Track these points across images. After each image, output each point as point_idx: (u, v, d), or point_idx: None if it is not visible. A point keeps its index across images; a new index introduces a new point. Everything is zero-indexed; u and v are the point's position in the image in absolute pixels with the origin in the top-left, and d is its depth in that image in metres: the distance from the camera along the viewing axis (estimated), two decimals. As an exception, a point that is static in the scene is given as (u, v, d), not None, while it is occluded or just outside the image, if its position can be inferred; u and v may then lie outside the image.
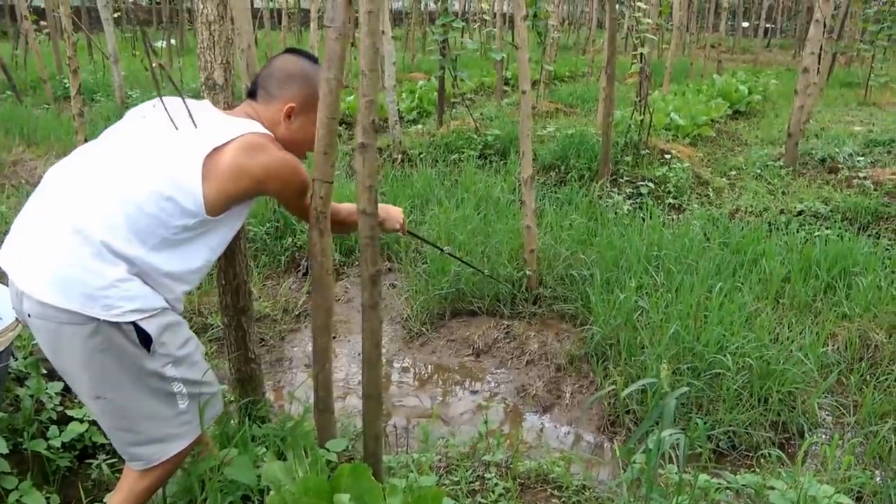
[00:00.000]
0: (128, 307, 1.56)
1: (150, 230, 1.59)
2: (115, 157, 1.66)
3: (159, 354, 1.64)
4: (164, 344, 1.65)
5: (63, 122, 7.73)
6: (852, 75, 13.54)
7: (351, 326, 3.80)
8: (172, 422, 1.71)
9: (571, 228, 4.38)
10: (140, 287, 1.59)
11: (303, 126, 1.82)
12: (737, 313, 3.22)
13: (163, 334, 1.64)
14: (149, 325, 1.59)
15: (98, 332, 1.55)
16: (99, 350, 1.56)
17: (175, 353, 1.68)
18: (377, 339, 1.86)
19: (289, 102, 1.80)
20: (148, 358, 1.62)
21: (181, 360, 1.70)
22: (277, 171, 1.70)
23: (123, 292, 1.55)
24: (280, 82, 1.81)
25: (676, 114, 7.16)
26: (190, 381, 1.73)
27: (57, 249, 1.54)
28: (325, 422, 1.97)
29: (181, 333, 1.71)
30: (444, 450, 2.36)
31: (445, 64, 6.82)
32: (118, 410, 1.66)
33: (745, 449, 2.71)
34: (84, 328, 1.54)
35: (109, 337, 1.56)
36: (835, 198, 5.02)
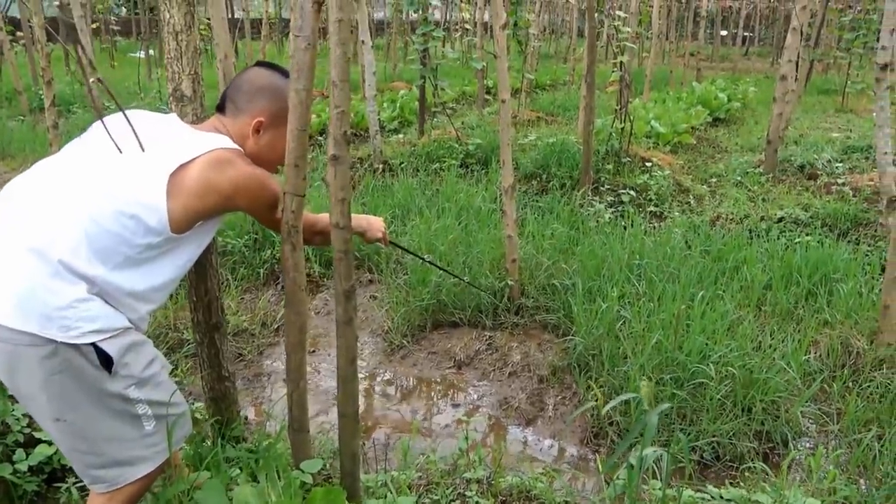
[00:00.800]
0: (87, 328, 1.50)
1: (112, 249, 1.53)
2: (75, 172, 1.60)
3: (121, 376, 1.58)
4: (127, 365, 1.58)
5: (38, 135, 7.62)
6: (829, 82, 13.70)
7: (331, 340, 3.74)
8: (138, 444, 1.65)
9: (553, 237, 4.36)
10: (101, 307, 1.53)
11: (272, 140, 1.78)
12: (719, 322, 3.20)
13: (125, 355, 1.57)
14: (110, 346, 1.53)
15: (56, 353, 1.48)
16: (58, 372, 1.50)
17: (138, 374, 1.61)
18: (352, 356, 1.81)
19: (257, 116, 1.76)
20: (109, 380, 1.56)
21: (145, 381, 1.63)
22: (246, 186, 1.65)
23: (83, 313, 1.50)
24: (249, 96, 1.77)
25: (657, 121, 7.18)
26: (155, 403, 1.66)
27: (13, 269, 1.48)
28: (300, 442, 1.92)
29: (145, 353, 1.64)
30: (425, 466, 2.30)
31: (426, 73, 6.80)
32: (78, 432, 1.59)
33: (730, 460, 2.68)
34: (42, 350, 1.48)
35: (68, 359, 1.50)
36: (814, 204, 5.04)
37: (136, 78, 9.85)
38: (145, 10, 14.96)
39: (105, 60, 13.85)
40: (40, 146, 7.18)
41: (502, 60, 3.72)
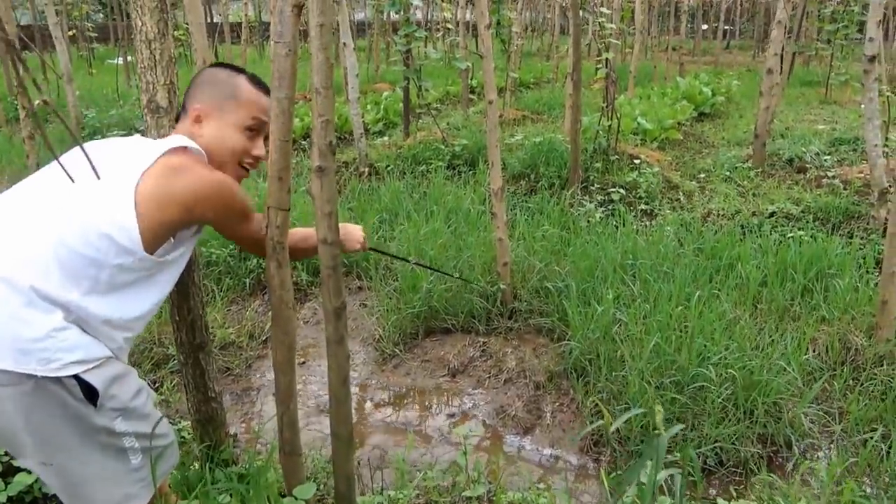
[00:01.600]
0: (67, 359, 1.40)
1: (84, 272, 1.44)
2: (41, 197, 1.51)
3: (108, 409, 1.48)
4: (114, 397, 1.49)
5: (16, 145, 7.45)
6: (812, 74, 13.75)
7: (321, 351, 3.64)
8: (126, 479, 1.55)
9: (544, 239, 4.29)
10: (79, 336, 1.44)
11: (216, 131, 1.69)
12: (717, 322, 3.15)
13: (111, 387, 1.48)
14: (94, 377, 1.44)
15: (37, 390, 1.38)
16: (39, 410, 1.40)
17: (125, 405, 1.52)
18: (344, 375, 1.72)
19: (195, 109, 1.69)
20: (96, 414, 1.46)
21: (132, 412, 1.54)
22: (205, 194, 1.55)
23: (61, 343, 1.40)
24: (190, 94, 1.74)
25: (643, 118, 7.14)
26: (142, 435, 1.57)
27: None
28: (291, 465, 1.83)
29: (130, 384, 1.55)
30: (423, 483, 2.22)
31: (409, 74, 6.71)
32: (68, 475, 1.49)
33: (733, 465, 2.62)
34: (20, 388, 1.37)
35: (52, 394, 1.40)
36: (805, 198, 5.01)
37: (115, 85, 9.67)
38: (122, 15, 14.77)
39: (83, 67, 13.63)
40: (17, 157, 7.02)
41: (488, 60, 3.65)
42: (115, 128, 8.00)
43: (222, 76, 1.73)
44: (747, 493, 2.46)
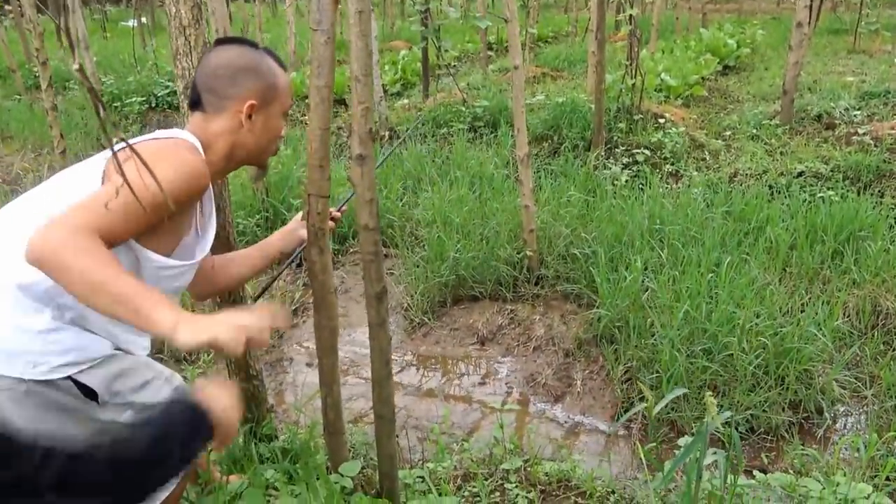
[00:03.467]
0: (57, 362, 1.34)
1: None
2: (23, 202, 1.45)
3: (112, 404, 1.44)
4: (117, 393, 1.43)
5: (36, 115, 7.49)
6: (839, 21, 13.32)
7: (351, 319, 3.70)
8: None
9: (570, 204, 4.27)
10: (74, 337, 1.37)
11: (265, 121, 1.55)
12: (746, 288, 3.14)
13: (112, 383, 1.43)
14: (90, 378, 1.38)
15: (30, 393, 1.33)
16: (41, 412, 1.35)
17: (133, 399, 1.46)
18: (386, 358, 1.75)
19: (248, 100, 1.51)
20: (100, 409, 1.42)
21: (139, 404, 1.48)
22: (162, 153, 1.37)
23: (50, 345, 1.34)
24: (230, 80, 1.51)
25: (667, 74, 6.99)
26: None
27: None
28: (335, 444, 1.88)
29: (135, 378, 1.48)
30: (459, 457, 2.28)
31: (428, 34, 6.59)
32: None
33: (764, 432, 2.65)
34: (13, 392, 1.32)
35: (46, 396, 1.35)
36: (835, 156, 4.92)
37: (132, 50, 9.63)
38: (134, -24, 14.59)
39: (97, 31, 13.56)
40: (39, 127, 7.06)
41: (513, 25, 3.58)
42: (133, 94, 8.00)
43: (260, 60, 1.54)
44: (779, 461, 2.49)
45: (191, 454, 1.12)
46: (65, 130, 5.58)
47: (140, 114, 7.83)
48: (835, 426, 2.73)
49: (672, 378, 2.76)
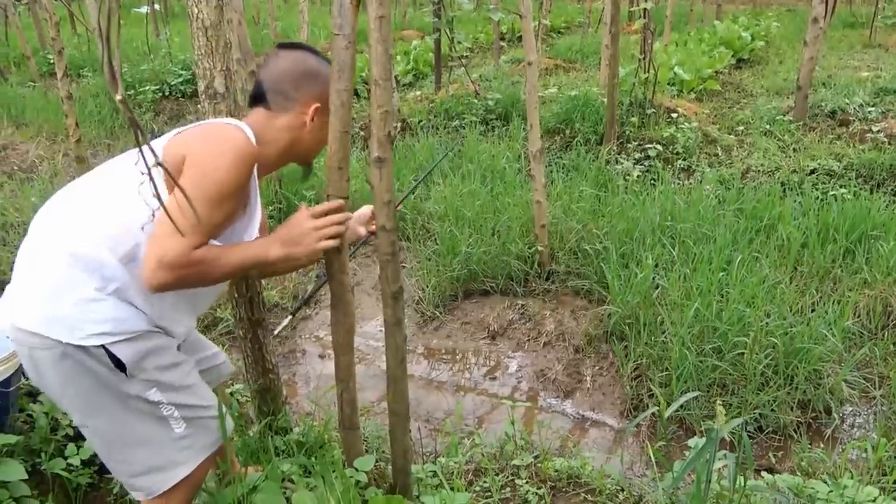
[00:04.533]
0: (92, 330, 1.44)
1: (120, 239, 1.45)
2: (83, 180, 1.58)
3: (140, 379, 1.52)
4: (145, 369, 1.52)
5: (51, 102, 7.54)
6: (855, 15, 13.20)
7: (362, 312, 3.73)
8: (170, 447, 1.59)
9: (581, 199, 4.28)
10: (113, 308, 1.46)
11: (323, 125, 1.65)
12: (757, 287, 3.15)
13: (143, 360, 1.51)
14: (122, 350, 1.47)
15: (66, 356, 1.44)
16: (73, 375, 1.46)
17: (158, 378, 1.54)
18: (401, 356, 1.79)
19: (313, 103, 1.63)
20: (127, 382, 1.50)
21: (168, 385, 1.57)
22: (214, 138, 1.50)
23: (90, 314, 1.44)
24: (297, 84, 1.63)
25: (680, 68, 6.96)
26: (183, 405, 1.60)
27: (26, 270, 1.48)
28: (351, 439, 1.92)
29: (166, 357, 1.57)
30: (470, 452, 2.31)
31: (441, 26, 6.59)
32: (107, 437, 1.56)
33: (773, 431, 2.67)
34: (52, 352, 1.44)
35: (80, 361, 1.46)
36: (848, 154, 4.90)
37: (145, 37, 9.65)
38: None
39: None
40: (54, 114, 7.11)
41: (528, 21, 3.58)
42: (147, 82, 8.04)
43: (325, 69, 1.64)
44: (787, 460, 2.52)
45: None
46: (79, 118, 5.62)
47: (153, 102, 7.86)
48: (843, 426, 2.75)
49: (682, 376, 2.79)
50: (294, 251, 1.55)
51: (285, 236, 1.56)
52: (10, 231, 4.27)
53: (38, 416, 2.33)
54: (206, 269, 1.45)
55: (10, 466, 1.98)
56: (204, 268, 1.44)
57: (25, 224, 4.31)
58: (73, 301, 1.43)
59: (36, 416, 2.33)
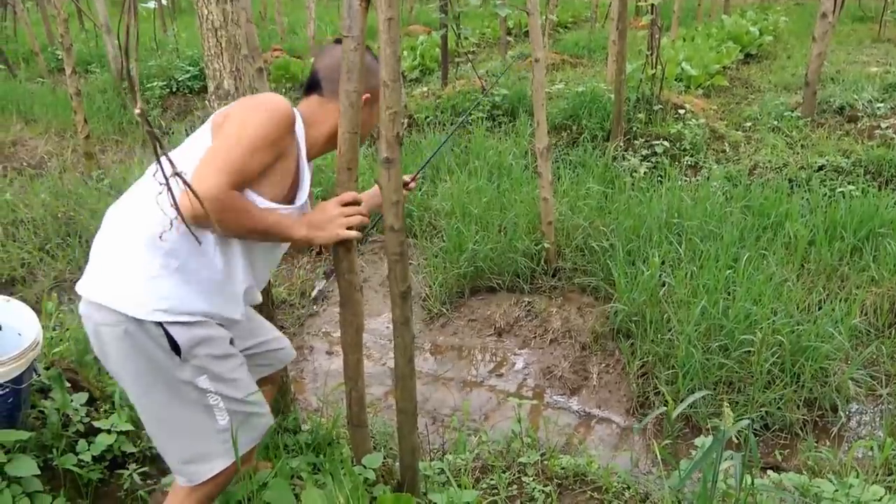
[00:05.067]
0: (155, 305, 1.55)
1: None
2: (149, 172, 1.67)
3: (192, 365, 1.61)
4: (197, 356, 1.61)
5: (59, 98, 7.57)
6: (863, 8, 13.11)
7: (369, 308, 3.75)
8: (212, 438, 1.66)
9: (588, 196, 4.28)
10: (174, 286, 1.57)
11: (370, 114, 1.75)
12: (764, 284, 3.15)
13: (195, 347, 1.60)
14: (178, 332, 1.57)
15: (128, 333, 1.55)
16: (132, 353, 1.57)
17: (210, 366, 1.63)
18: (410, 355, 1.80)
19: (364, 93, 1.67)
20: (180, 366, 1.60)
21: (218, 376, 1.64)
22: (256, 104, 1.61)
23: (154, 289, 1.55)
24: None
25: (688, 63, 6.94)
26: (228, 398, 1.67)
27: (101, 246, 1.60)
28: (359, 437, 1.93)
29: (218, 348, 1.65)
30: (477, 449, 2.33)
31: (448, 22, 6.59)
32: (156, 419, 1.66)
33: (779, 428, 2.68)
34: (116, 329, 1.55)
35: (140, 340, 1.56)
36: (856, 150, 4.88)
37: (152, 32, 9.67)
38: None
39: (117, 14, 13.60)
40: (62, 110, 7.14)
41: (535, 18, 3.58)
42: (154, 78, 8.06)
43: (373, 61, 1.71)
44: (793, 458, 2.53)
45: None
46: (87, 114, 5.65)
47: (161, 98, 7.89)
48: (849, 424, 2.76)
49: (688, 374, 2.79)
50: (317, 234, 1.66)
51: (313, 221, 1.66)
52: (20, 227, 4.30)
53: (49, 412, 2.35)
54: (235, 214, 1.53)
55: (23, 462, 2.01)
56: (233, 213, 1.52)
57: (35, 220, 4.37)
58: (140, 277, 1.55)
59: (48, 412, 2.35)
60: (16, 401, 2.15)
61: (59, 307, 3.29)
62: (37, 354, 2.24)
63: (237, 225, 1.56)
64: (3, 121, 7.13)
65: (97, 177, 5.17)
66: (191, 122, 7.09)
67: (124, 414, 2.43)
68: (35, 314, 2.37)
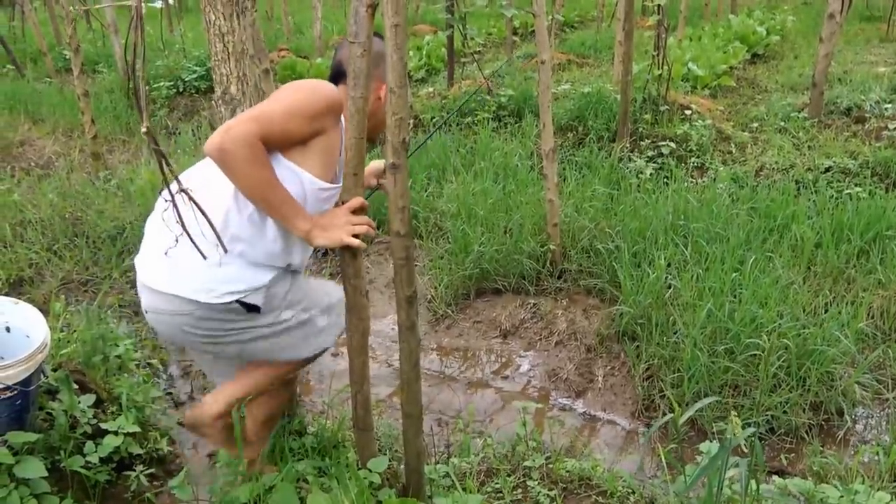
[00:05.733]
0: (226, 289, 1.70)
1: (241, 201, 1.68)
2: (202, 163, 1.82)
3: (269, 310, 1.79)
4: (273, 305, 1.80)
5: (67, 98, 7.60)
6: (872, 7, 13.03)
7: (374, 310, 3.75)
8: (312, 341, 1.94)
9: (594, 198, 4.28)
10: (241, 269, 1.71)
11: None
12: (770, 287, 3.14)
13: (271, 301, 1.79)
14: (254, 297, 1.73)
15: (203, 315, 1.71)
16: (212, 329, 1.74)
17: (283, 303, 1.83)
18: (415, 359, 1.81)
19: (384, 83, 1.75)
20: (261, 317, 1.79)
21: (292, 303, 1.86)
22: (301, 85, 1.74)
23: (223, 275, 1.69)
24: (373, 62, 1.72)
25: (694, 63, 6.92)
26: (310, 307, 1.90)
27: (164, 238, 1.68)
28: (364, 440, 1.94)
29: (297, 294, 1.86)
30: (482, 453, 2.33)
31: (454, 22, 6.59)
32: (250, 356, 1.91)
33: (785, 433, 2.67)
34: (191, 317, 1.71)
35: (217, 317, 1.72)
36: (863, 151, 4.86)
37: (159, 32, 9.70)
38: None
39: (124, 13, 13.66)
40: (70, 110, 7.17)
41: (541, 20, 3.58)
42: (161, 78, 8.08)
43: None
44: (799, 462, 2.52)
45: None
46: (94, 114, 5.67)
47: (168, 98, 7.91)
48: (855, 429, 2.75)
49: (693, 377, 2.79)
50: (319, 235, 1.70)
51: (320, 222, 1.71)
52: (27, 228, 4.32)
53: (57, 414, 2.37)
54: (253, 163, 1.58)
55: (31, 464, 2.02)
56: (252, 161, 1.58)
57: (43, 221, 4.39)
58: (210, 266, 1.68)
59: (56, 414, 2.37)
60: (24, 403, 2.17)
61: (66, 308, 3.31)
62: (45, 356, 2.26)
63: (251, 176, 1.60)
64: (11, 121, 7.16)
65: (104, 177, 5.19)
66: (197, 121, 7.11)
67: (131, 416, 2.45)
68: (43, 316, 2.38)
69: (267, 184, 1.62)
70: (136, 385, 2.60)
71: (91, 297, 3.69)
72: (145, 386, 2.60)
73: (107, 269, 3.92)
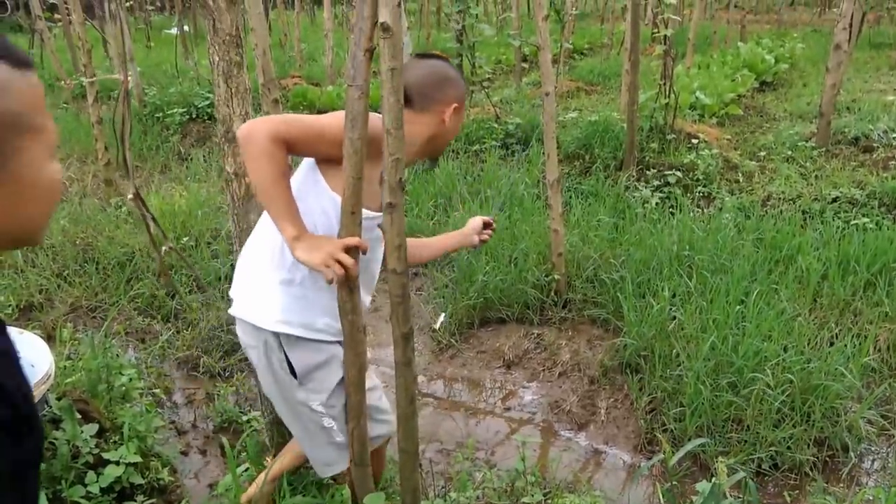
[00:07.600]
0: (277, 317, 1.76)
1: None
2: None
3: (307, 387, 1.83)
4: (312, 380, 1.83)
5: (83, 124, 7.72)
6: (882, 35, 13.08)
7: (379, 339, 3.77)
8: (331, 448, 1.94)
9: (599, 228, 4.29)
10: (295, 299, 1.76)
11: (456, 123, 1.91)
12: (775, 321, 3.13)
13: (311, 372, 1.82)
14: (295, 357, 1.79)
15: (267, 346, 1.78)
16: (267, 367, 1.81)
17: (323, 389, 1.84)
18: (412, 395, 1.81)
19: (452, 103, 1.86)
20: (298, 388, 1.82)
21: (329, 404, 1.87)
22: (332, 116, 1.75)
23: (275, 298, 1.76)
24: (437, 87, 1.85)
25: (702, 92, 6.95)
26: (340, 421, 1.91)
27: (243, 265, 1.83)
28: (361, 476, 1.94)
29: (333, 376, 1.86)
30: (481, 489, 2.32)
31: (463, 51, 6.68)
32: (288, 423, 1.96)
33: (788, 469, 2.65)
34: (258, 349, 1.79)
35: (272, 355, 1.79)
36: (871, 182, 4.86)
37: (174, 60, 9.88)
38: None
39: (141, 40, 13.91)
40: (85, 136, 7.28)
41: (545, 52, 3.63)
42: (175, 105, 8.21)
43: (456, 74, 1.91)
44: (803, 499, 2.49)
45: None
46: (109, 142, 5.76)
47: (181, 124, 8.03)
48: (861, 465, 2.72)
49: (696, 411, 2.78)
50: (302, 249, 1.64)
51: (310, 239, 1.66)
52: (38, 253, 4.38)
53: (60, 443, 2.39)
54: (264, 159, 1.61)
55: (32, 495, 2.04)
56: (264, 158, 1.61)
57: (54, 247, 4.45)
58: (266, 285, 1.77)
59: (58, 443, 2.39)
60: (27, 433, 2.19)
61: (73, 335, 3.35)
62: (49, 386, 2.29)
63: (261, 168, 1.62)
64: (28, 146, 7.27)
65: (115, 203, 5.26)
66: (209, 147, 7.20)
67: (133, 445, 2.47)
68: (47, 346, 2.42)
69: (271, 179, 1.64)
70: (139, 415, 2.61)
71: (98, 323, 3.72)
72: (148, 416, 2.62)
73: (115, 295, 3.96)
